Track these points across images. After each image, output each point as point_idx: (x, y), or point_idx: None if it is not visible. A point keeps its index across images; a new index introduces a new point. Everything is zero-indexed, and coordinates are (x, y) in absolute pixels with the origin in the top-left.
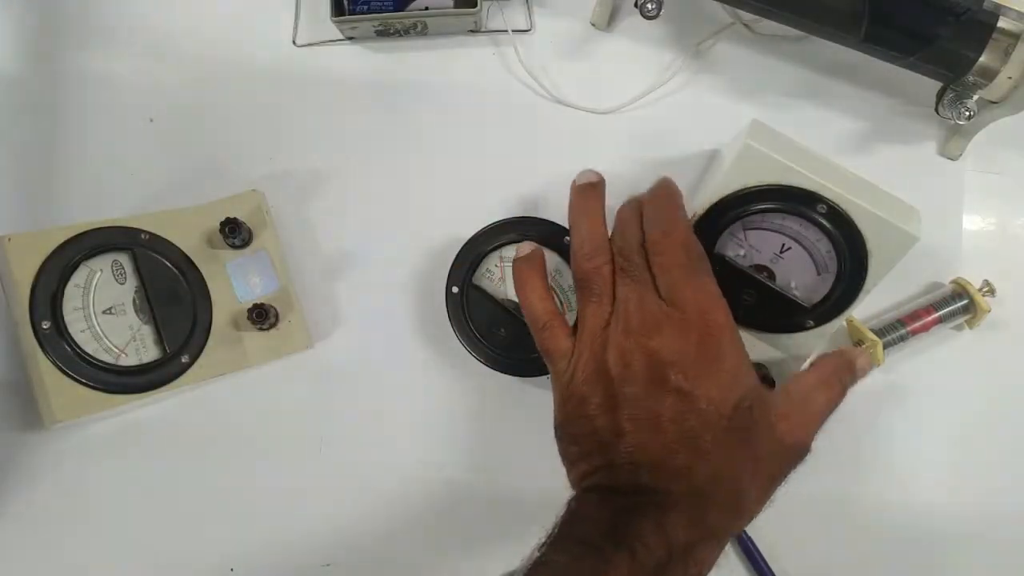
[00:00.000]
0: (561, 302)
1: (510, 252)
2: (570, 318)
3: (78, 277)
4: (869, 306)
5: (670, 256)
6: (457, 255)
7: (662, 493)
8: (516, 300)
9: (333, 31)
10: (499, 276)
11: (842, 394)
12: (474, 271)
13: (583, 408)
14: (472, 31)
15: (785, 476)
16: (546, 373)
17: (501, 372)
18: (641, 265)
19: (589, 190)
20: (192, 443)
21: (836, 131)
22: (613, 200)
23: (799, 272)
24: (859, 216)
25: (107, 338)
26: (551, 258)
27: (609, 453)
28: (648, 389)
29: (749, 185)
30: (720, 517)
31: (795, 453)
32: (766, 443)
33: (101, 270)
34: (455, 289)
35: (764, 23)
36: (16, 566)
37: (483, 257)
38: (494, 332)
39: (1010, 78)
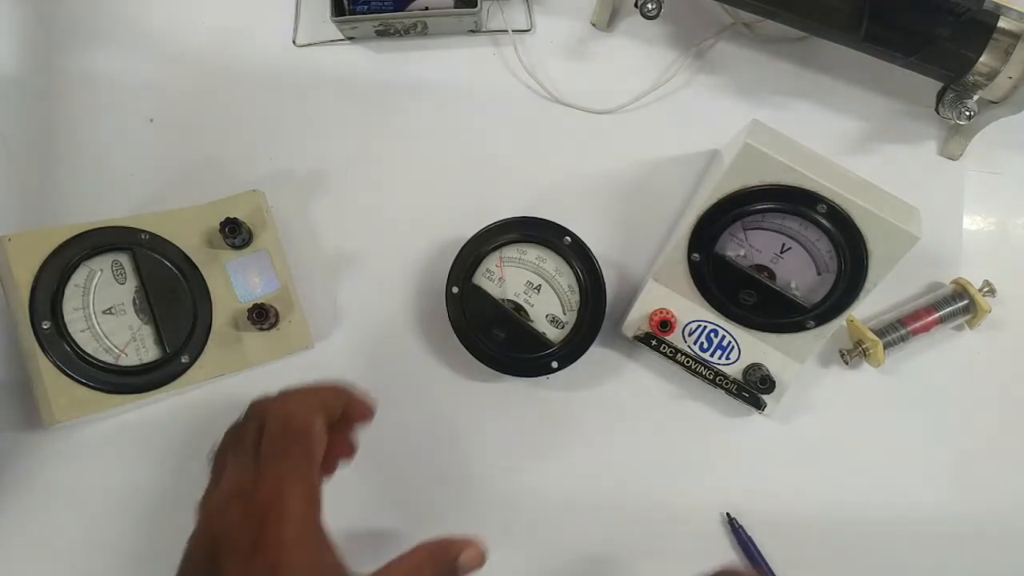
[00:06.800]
0: (561, 302)
1: (510, 252)
2: (570, 318)
3: (78, 277)
4: (869, 306)
5: (270, 425)
6: (457, 255)
7: None
8: (516, 300)
9: (333, 31)
10: (499, 276)
11: None
12: (474, 271)
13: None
14: (472, 31)
15: None
16: (545, 373)
17: (500, 372)
18: (251, 436)
19: (334, 389)
20: (192, 443)
21: (836, 131)
22: (613, 201)
23: (799, 272)
24: (859, 216)
25: (107, 338)
26: (551, 258)
27: None
28: (202, 572)
29: (749, 185)
30: None
31: None
32: None
33: (101, 270)
34: (455, 289)
35: (764, 23)
36: (16, 565)
37: (483, 257)
38: (493, 332)
39: (1010, 78)
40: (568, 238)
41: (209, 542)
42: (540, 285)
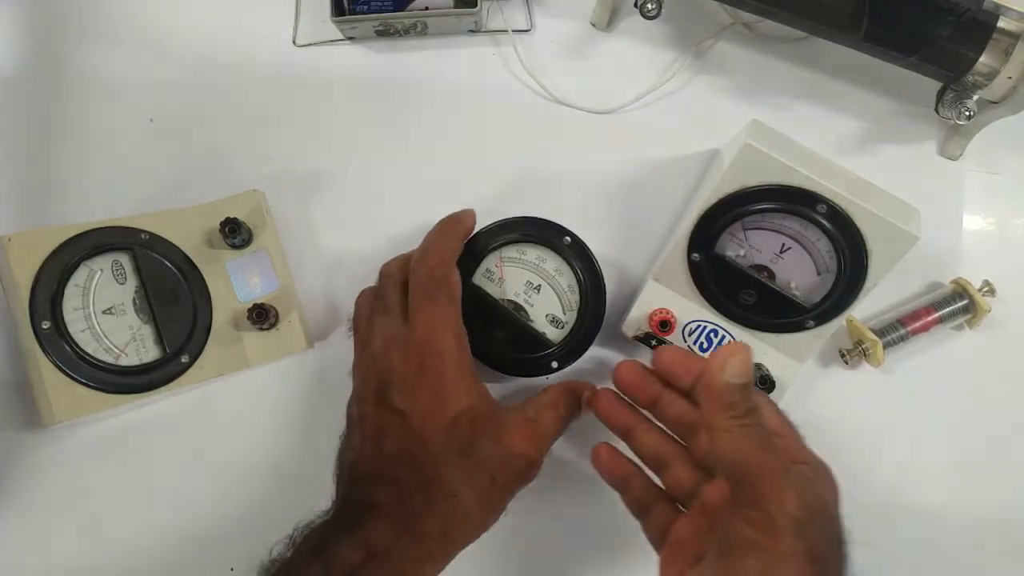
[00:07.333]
0: (561, 302)
1: (510, 252)
2: (570, 318)
3: (78, 277)
4: (869, 306)
5: (415, 278)
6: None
7: (371, 504)
8: (516, 300)
9: (333, 31)
10: (499, 276)
11: (565, 417)
12: (474, 271)
13: (349, 421)
14: (472, 31)
15: (511, 482)
16: (547, 373)
17: (501, 372)
18: (392, 295)
19: (453, 228)
20: (192, 443)
21: (836, 131)
22: (613, 201)
23: (799, 272)
24: (859, 216)
25: (107, 338)
26: (551, 258)
27: (346, 468)
28: (375, 407)
29: (749, 185)
30: (433, 520)
31: (519, 461)
32: (488, 453)
33: (101, 270)
34: None
35: (764, 23)
36: (16, 565)
37: (483, 257)
38: (493, 332)
39: (1010, 78)
40: (568, 238)
41: (377, 380)
42: (540, 285)
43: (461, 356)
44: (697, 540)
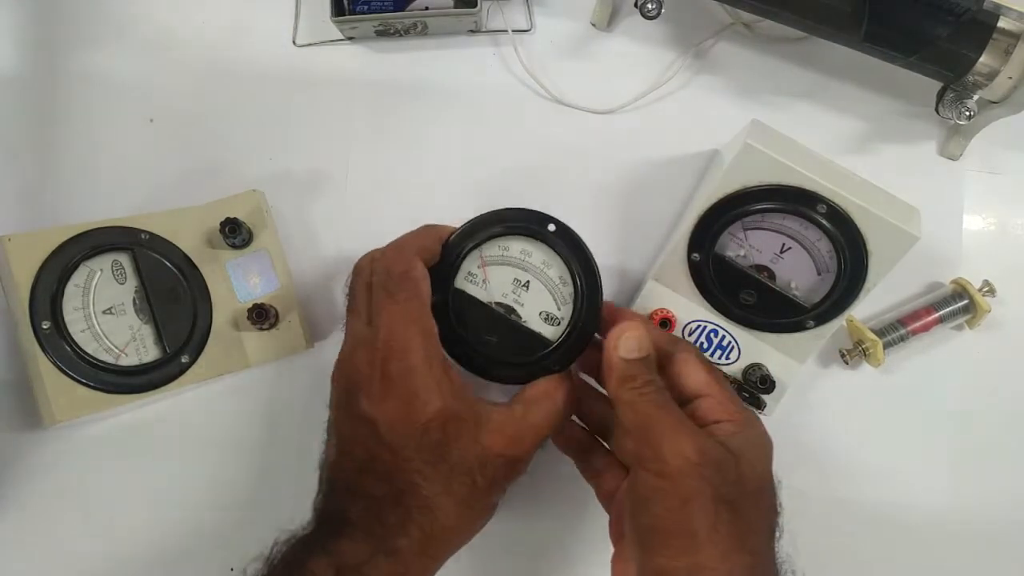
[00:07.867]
0: (553, 297)
1: (491, 250)
2: (565, 312)
3: (78, 277)
4: (869, 306)
5: (376, 277)
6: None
7: (344, 520)
8: (505, 302)
9: (333, 31)
10: (483, 278)
11: (562, 408)
12: (455, 275)
13: (327, 427)
14: (472, 31)
15: (494, 482)
16: (548, 375)
17: (500, 383)
18: (359, 294)
19: (425, 230)
20: (192, 443)
21: (836, 131)
22: (613, 201)
23: (799, 272)
24: (859, 216)
25: (107, 338)
26: (536, 250)
27: (324, 478)
28: (343, 414)
29: (749, 185)
30: (409, 535)
31: (498, 461)
32: (464, 455)
33: (101, 270)
34: (435, 297)
35: (764, 23)
36: (16, 565)
37: (462, 260)
38: (486, 338)
39: (1010, 78)
40: (552, 225)
41: (345, 385)
42: (528, 281)
43: (429, 355)
44: None
